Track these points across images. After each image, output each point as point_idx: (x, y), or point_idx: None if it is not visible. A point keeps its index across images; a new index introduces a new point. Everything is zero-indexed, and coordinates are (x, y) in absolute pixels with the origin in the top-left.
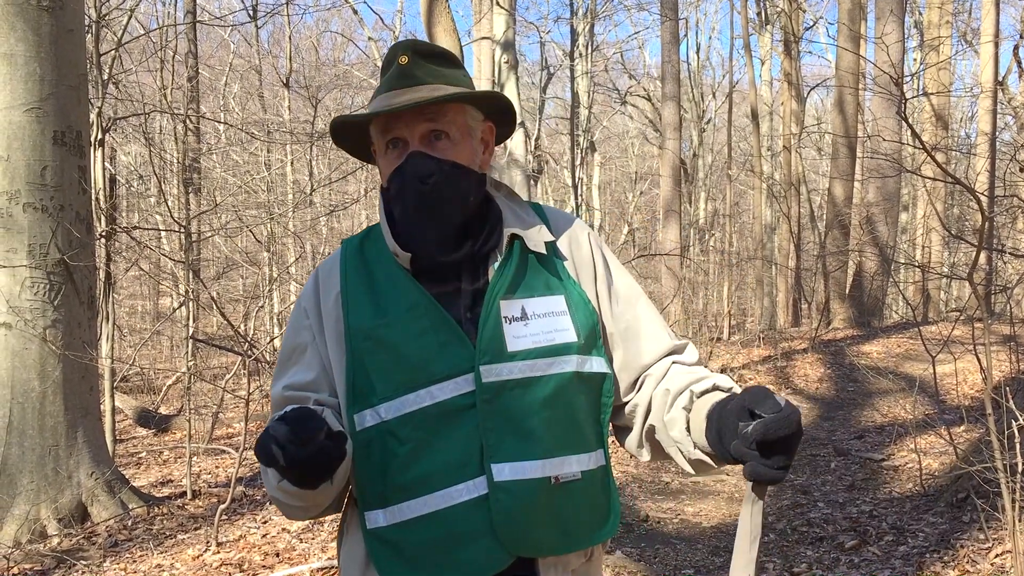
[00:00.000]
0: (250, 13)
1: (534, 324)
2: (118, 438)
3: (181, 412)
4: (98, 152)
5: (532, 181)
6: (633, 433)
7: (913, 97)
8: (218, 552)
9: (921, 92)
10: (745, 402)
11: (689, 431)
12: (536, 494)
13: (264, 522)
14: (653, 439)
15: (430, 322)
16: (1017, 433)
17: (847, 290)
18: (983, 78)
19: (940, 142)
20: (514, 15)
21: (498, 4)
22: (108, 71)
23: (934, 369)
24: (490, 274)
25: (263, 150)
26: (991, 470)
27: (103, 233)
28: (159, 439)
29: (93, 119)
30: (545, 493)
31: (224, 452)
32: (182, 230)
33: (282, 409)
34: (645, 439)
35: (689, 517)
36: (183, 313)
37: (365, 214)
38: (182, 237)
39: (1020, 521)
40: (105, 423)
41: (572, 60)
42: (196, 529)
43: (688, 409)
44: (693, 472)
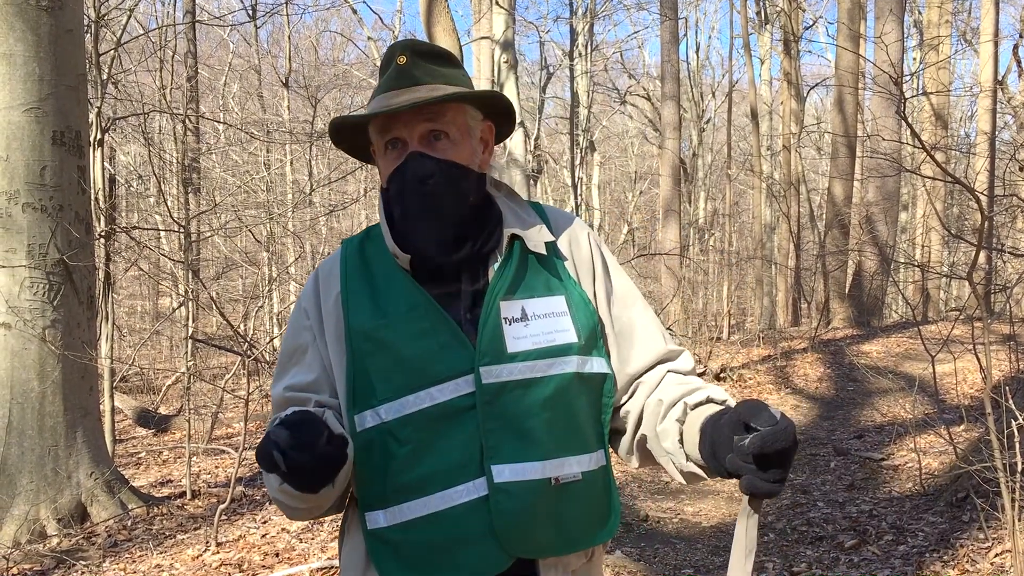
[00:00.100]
0: (249, 13)
1: (534, 325)
2: (118, 438)
3: (181, 412)
4: (97, 152)
5: (532, 181)
6: (624, 439)
7: (913, 96)
8: (218, 552)
9: (921, 91)
10: (740, 415)
11: (682, 443)
12: (536, 495)
13: (264, 522)
14: (644, 449)
15: (430, 323)
16: (1016, 432)
17: (847, 290)
18: (982, 77)
19: (940, 141)
20: (513, 15)
21: (497, 4)
22: (107, 71)
23: (933, 369)
24: (490, 275)
25: (262, 150)
26: (991, 469)
27: (102, 233)
28: (159, 439)
29: (92, 119)
30: (545, 494)
31: (224, 452)
32: (181, 230)
33: (283, 410)
34: (636, 448)
35: (689, 517)
36: (182, 313)
37: (364, 214)
38: (181, 237)
39: (1020, 520)
40: (105, 423)
41: (571, 60)
42: (196, 529)
43: (681, 421)
44: (684, 483)
